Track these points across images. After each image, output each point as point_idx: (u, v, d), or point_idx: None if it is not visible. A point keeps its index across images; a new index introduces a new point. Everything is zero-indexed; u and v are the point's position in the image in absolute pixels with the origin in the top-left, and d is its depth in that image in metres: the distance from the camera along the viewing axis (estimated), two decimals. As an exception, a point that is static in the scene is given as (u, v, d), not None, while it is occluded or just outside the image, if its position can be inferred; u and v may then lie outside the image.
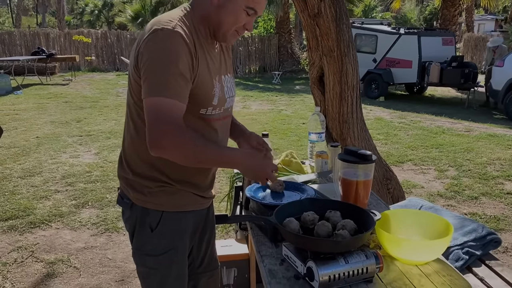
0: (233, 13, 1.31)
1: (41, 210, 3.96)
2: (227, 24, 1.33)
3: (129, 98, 1.38)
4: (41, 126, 7.34)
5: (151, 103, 1.22)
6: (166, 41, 1.23)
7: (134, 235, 1.45)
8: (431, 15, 33.90)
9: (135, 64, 1.29)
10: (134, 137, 1.40)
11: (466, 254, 1.87)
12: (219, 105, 1.40)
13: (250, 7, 1.31)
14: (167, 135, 1.20)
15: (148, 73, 1.23)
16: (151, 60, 1.23)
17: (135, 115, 1.37)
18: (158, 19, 1.29)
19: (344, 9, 2.69)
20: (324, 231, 1.27)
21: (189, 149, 1.24)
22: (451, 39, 11.89)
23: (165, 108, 1.21)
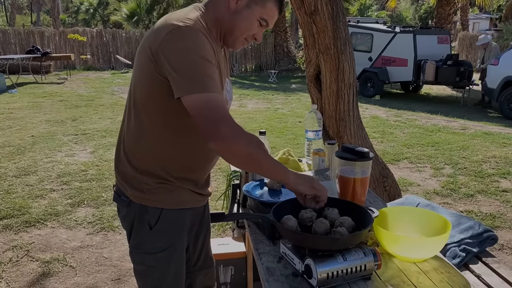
0: (248, 20, 1.35)
1: (36, 209, 3.93)
2: (239, 30, 1.37)
3: (137, 93, 1.37)
4: (36, 125, 7.30)
5: (201, 99, 1.22)
6: (194, 38, 1.23)
7: (132, 233, 1.45)
8: (426, 13, 34.02)
9: (153, 60, 1.26)
10: (137, 131, 1.39)
11: (463, 251, 1.87)
12: None
13: (264, 18, 1.36)
14: (225, 127, 1.21)
15: (182, 70, 1.22)
16: (182, 57, 1.22)
17: (146, 113, 1.36)
18: (175, 16, 1.29)
19: (341, 7, 2.68)
20: (322, 229, 1.26)
21: (243, 141, 1.24)
22: (446, 37, 11.92)
23: (216, 103, 1.23)
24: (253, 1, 1.33)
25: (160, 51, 1.24)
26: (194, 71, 1.22)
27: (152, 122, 1.36)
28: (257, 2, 1.34)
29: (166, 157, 1.38)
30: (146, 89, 1.33)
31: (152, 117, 1.35)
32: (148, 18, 20.59)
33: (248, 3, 1.33)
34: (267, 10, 1.35)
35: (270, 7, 1.36)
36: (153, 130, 1.37)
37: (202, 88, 1.22)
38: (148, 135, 1.38)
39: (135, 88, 1.37)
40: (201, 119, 1.22)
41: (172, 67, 1.22)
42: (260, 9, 1.34)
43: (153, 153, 1.39)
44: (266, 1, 1.34)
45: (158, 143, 1.38)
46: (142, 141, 1.40)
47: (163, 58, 1.24)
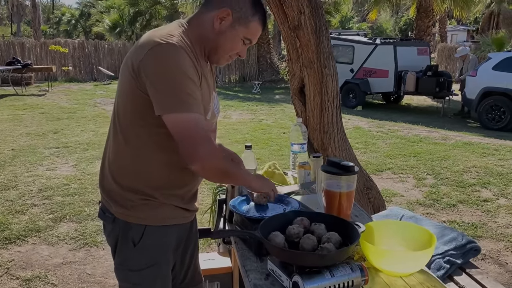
0: (232, 40, 1.37)
1: (16, 225, 3.85)
2: (223, 49, 1.38)
3: (120, 112, 1.37)
4: (17, 138, 7.16)
5: (181, 119, 1.24)
6: (175, 56, 1.24)
7: (116, 250, 1.43)
8: (406, 25, 34.74)
9: (134, 77, 1.27)
10: (122, 147, 1.39)
11: (447, 263, 1.90)
12: (210, 120, 1.44)
13: (248, 38, 1.39)
14: (204, 149, 1.26)
15: (163, 88, 1.23)
16: (163, 75, 1.23)
17: (127, 129, 1.36)
18: (158, 33, 1.29)
19: (324, 22, 2.73)
20: (309, 245, 1.27)
21: (221, 161, 1.34)
22: (426, 49, 12.18)
23: (195, 123, 1.26)
24: (237, 22, 1.35)
25: (142, 68, 1.25)
26: (174, 89, 1.23)
27: (135, 138, 1.36)
28: (240, 23, 1.35)
29: (150, 174, 1.38)
30: (129, 105, 1.33)
31: (136, 133, 1.35)
32: (130, 30, 20.55)
33: (232, 23, 1.35)
34: (251, 30, 1.37)
35: (253, 27, 1.38)
36: (137, 146, 1.36)
37: (182, 108, 1.23)
38: (131, 151, 1.38)
39: (119, 104, 1.37)
40: (180, 140, 1.26)
41: (153, 84, 1.24)
42: (243, 29, 1.36)
43: (137, 169, 1.38)
44: (250, 22, 1.36)
45: (142, 160, 1.37)
46: (125, 157, 1.39)
47: (144, 75, 1.25)
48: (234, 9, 1.34)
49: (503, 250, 3.44)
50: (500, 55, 9.60)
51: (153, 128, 1.32)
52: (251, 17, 1.36)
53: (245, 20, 1.35)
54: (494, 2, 23.30)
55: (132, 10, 19.27)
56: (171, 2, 18.35)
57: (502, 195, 4.65)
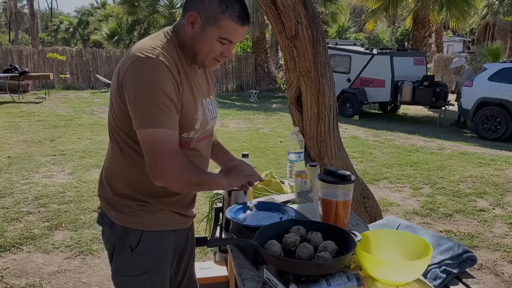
0: (206, 43, 1.33)
1: (11, 233, 3.82)
2: (202, 53, 1.35)
3: (111, 120, 1.39)
4: (13, 146, 7.14)
5: (148, 136, 1.25)
6: (151, 70, 1.24)
7: (113, 255, 1.43)
8: (402, 36, 35.00)
9: (118, 89, 1.30)
10: (116, 156, 1.40)
11: (444, 273, 1.90)
12: (201, 128, 1.43)
13: (223, 37, 1.33)
14: (169, 167, 1.26)
15: (137, 103, 1.24)
16: (138, 90, 1.24)
17: (117, 137, 1.38)
18: (141, 45, 1.30)
19: (321, 31, 2.75)
20: (306, 254, 1.27)
21: (188, 176, 1.31)
22: (422, 59, 12.28)
23: (163, 140, 1.25)
24: (206, 23, 1.31)
25: (123, 81, 1.27)
26: (147, 104, 1.24)
27: (128, 147, 1.37)
28: (210, 23, 1.31)
29: (145, 182, 1.36)
30: (117, 114, 1.34)
31: (127, 142, 1.36)
32: (128, 38, 20.61)
33: (202, 26, 1.32)
34: (223, 29, 1.31)
35: (225, 24, 1.31)
36: (130, 155, 1.37)
37: (151, 123, 1.24)
38: (125, 159, 1.38)
39: (110, 112, 1.39)
40: (146, 156, 1.27)
41: (130, 99, 1.25)
42: (215, 30, 1.31)
43: (132, 177, 1.39)
44: (220, 20, 1.30)
45: (136, 168, 1.37)
46: (120, 165, 1.40)
47: (125, 89, 1.27)
48: (200, 11, 1.30)
49: (499, 260, 3.44)
50: (496, 65, 9.69)
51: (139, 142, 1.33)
52: (220, 15, 1.30)
53: (214, 20, 1.30)
54: (490, 14, 23.53)
55: (130, 19, 19.31)
56: (169, 11, 18.43)
57: (498, 205, 4.67)
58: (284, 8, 2.61)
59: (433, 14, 15.01)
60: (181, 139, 1.36)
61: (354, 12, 33.82)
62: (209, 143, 1.57)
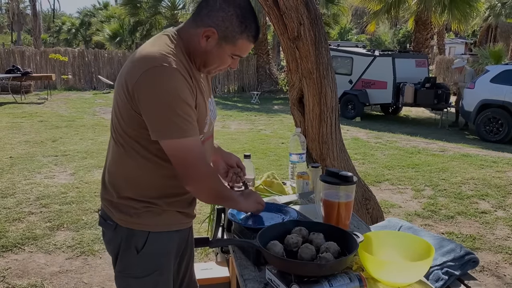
0: (219, 57, 1.36)
1: (13, 233, 3.83)
2: (212, 65, 1.38)
3: (116, 124, 1.37)
4: (15, 146, 7.16)
5: (176, 146, 1.28)
6: (168, 80, 1.23)
7: (118, 257, 1.43)
8: (404, 37, 34.99)
9: (129, 98, 1.28)
10: (121, 160, 1.40)
11: (446, 274, 1.90)
12: (208, 130, 1.46)
13: (236, 54, 1.37)
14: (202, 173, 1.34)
15: (158, 114, 1.25)
16: (158, 101, 1.23)
17: (123, 142, 1.37)
18: (150, 51, 1.27)
19: (323, 33, 2.75)
20: (308, 254, 1.27)
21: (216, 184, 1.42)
22: (424, 61, 12.27)
23: (192, 148, 1.30)
24: (223, 40, 1.32)
25: (136, 91, 1.25)
26: (168, 114, 1.24)
27: (134, 151, 1.36)
28: (227, 41, 1.32)
29: (148, 184, 1.38)
30: (126, 121, 1.33)
31: (134, 147, 1.36)
32: (130, 39, 20.65)
33: (218, 42, 1.32)
34: (238, 47, 1.34)
35: (241, 44, 1.34)
36: (136, 158, 1.37)
37: (177, 134, 1.26)
38: (130, 163, 1.38)
39: (115, 117, 1.38)
40: (176, 164, 1.32)
41: (147, 109, 1.25)
42: (231, 47, 1.33)
43: (137, 181, 1.39)
44: (237, 39, 1.32)
45: (141, 172, 1.38)
46: (125, 169, 1.40)
47: (138, 99, 1.25)
48: (219, 28, 1.30)
49: (501, 262, 3.43)
50: (498, 67, 9.67)
51: (147, 140, 1.32)
52: (239, 35, 1.32)
53: (232, 39, 1.32)
54: (492, 16, 23.52)
55: (132, 20, 19.35)
56: (171, 12, 18.48)
57: (500, 207, 4.66)
58: (287, 9, 2.61)
59: (435, 16, 14.99)
60: None
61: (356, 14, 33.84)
62: (211, 144, 1.58)
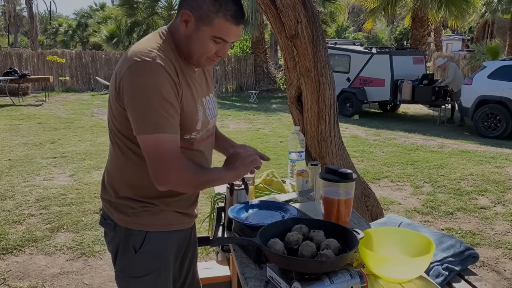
0: (200, 42, 1.31)
1: (13, 235, 3.83)
2: (196, 52, 1.33)
3: (111, 124, 1.38)
4: (14, 148, 7.15)
5: (148, 141, 1.25)
6: (149, 74, 1.23)
7: (117, 256, 1.43)
8: (401, 35, 35.01)
9: (116, 94, 1.29)
10: (118, 160, 1.40)
11: (446, 270, 1.90)
12: (202, 129, 1.42)
13: (217, 36, 1.31)
14: (172, 172, 1.27)
15: (137, 108, 1.24)
16: (137, 95, 1.23)
17: (118, 140, 1.38)
18: (138, 48, 1.29)
19: (321, 31, 2.75)
20: (308, 252, 1.27)
21: (191, 178, 1.31)
22: (421, 58, 12.28)
23: (164, 145, 1.25)
24: (200, 22, 1.29)
25: (122, 86, 1.26)
26: (146, 110, 1.23)
27: (129, 151, 1.36)
28: (204, 22, 1.29)
29: (145, 183, 1.37)
30: (117, 118, 1.33)
31: (128, 145, 1.36)
32: (128, 40, 20.60)
33: (196, 25, 1.29)
34: (217, 28, 1.29)
35: (219, 24, 1.29)
36: (131, 158, 1.37)
37: (151, 129, 1.23)
38: (126, 163, 1.38)
39: (110, 115, 1.38)
40: (148, 162, 1.27)
41: (129, 104, 1.25)
42: (209, 29, 1.29)
43: (133, 180, 1.39)
44: (213, 19, 1.28)
45: (137, 171, 1.37)
46: (122, 169, 1.40)
47: (123, 94, 1.26)
48: (194, 9, 1.28)
49: (501, 257, 3.44)
50: (495, 63, 9.68)
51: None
52: (214, 14, 1.28)
53: (208, 19, 1.28)
54: (488, 12, 23.51)
55: (129, 21, 19.30)
56: (168, 12, 18.43)
57: (499, 203, 4.67)
58: (284, 7, 2.61)
59: (432, 13, 15.01)
60: (183, 140, 1.35)
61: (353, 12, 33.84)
62: (212, 142, 1.57)
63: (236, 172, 1.43)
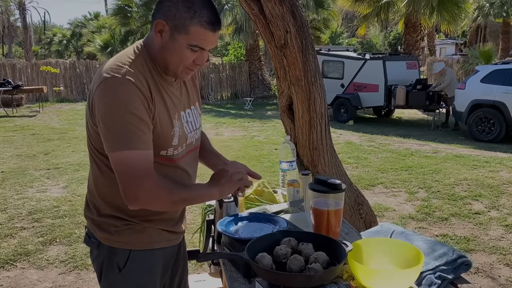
0: (176, 52, 1.28)
1: (5, 249, 3.78)
2: (173, 63, 1.30)
3: (88, 141, 1.37)
4: (6, 160, 7.10)
5: (118, 159, 1.21)
6: (118, 91, 1.21)
7: (102, 275, 1.41)
8: (395, 40, 35.19)
9: (90, 113, 1.28)
10: (97, 178, 1.38)
11: (439, 279, 1.89)
12: (180, 144, 1.39)
13: (193, 44, 1.27)
14: (142, 190, 1.22)
15: (107, 127, 1.21)
16: (106, 113, 1.21)
17: (96, 158, 1.36)
18: (109, 64, 1.27)
19: (310, 40, 2.76)
20: (296, 266, 1.26)
21: (165, 196, 1.27)
22: (415, 63, 12.34)
23: (133, 162, 1.21)
24: (175, 31, 1.26)
25: (93, 104, 1.25)
26: (115, 127, 1.20)
27: (106, 168, 1.34)
28: (179, 31, 1.26)
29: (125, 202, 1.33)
30: (93, 135, 1.32)
31: (105, 163, 1.33)
32: (122, 49, 20.60)
33: (171, 34, 1.26)
34: (192, 35, 1.26)
35: (195, 30, 1.26)
36: (109, 176, 1.33)
37: (121, 146, 1.20)
38: (105, 181, 1.36)
39: (87, 133, 1.36)
40: (118, 179, 1.23)
41: (100, 122, 1.23)
42: (185, 37, 1.26)
43: (113, 198, 1.35)
44: (188, 26, 1.25)
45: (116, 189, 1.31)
46: (101, 187, 1.38)
47: (95, 112, 1.25)
48: (168, 18, 1.25)
49: (495, 263, 3.43)
50: (488, 67, 9.74)
51: None
52: (188, 21, 1.24)
53: (183, 26, 1.25)
54: (480, 16, 23.72)
55: (123, 30, 19.32)
56: (162, 21, 18.48)
57: (493, 207, 4.67)
58: (273, 17, 2.62)
59: (424, 18, 15.10)
60: (160, 157, 1.33)
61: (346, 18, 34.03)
62: (195, 157, 1.53)
63: (220, 188, 1.39)
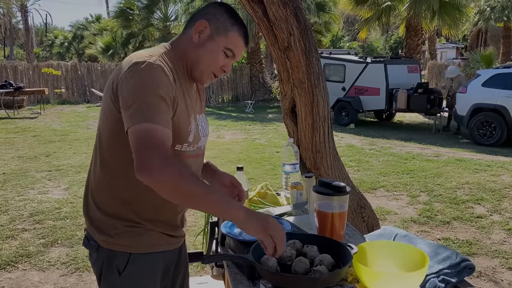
0: (212, 52, 1.35)
1: (6, 251, 3.78)
2: (205, 63, 1.36)
3: (101, 132, 1.36)
4: (8, 162, 7.10)
5: (136, 130, 1.18)
6: (148, 73, 1.23)
7: (101, 278, 1.40)
8: (396, 43, 35.26)
9: (113, 97, 1.27)
10: (103, 172, 1.37)
11: (442, 282, 1.88)
12: (193, 143, 1.40)
13: (229, 48, 1.36)
14: (157, 158, 1.14)
15: (130, 102, 1.21)
16: (132, 90, 1.21)
17: (105, 151, 1.35)
18: (138, 53, 1.31)
19: (313, 43, 2.76)
20: (301, 268, 1.25)
21: (176, 175, 1.16)
22: (416, 66, 12.36)
23: (154, 134, 1.17)
24: (215, 32, 1.34)
25: (119, 86, 1.25)
26: (141, 104, 1.19)
27: (116, 161, 1.34)
28: (220, 33, 1.35)
29: (133, 197, 1.35)
30: (110, 126, 1.32)
31: (117, 155, 1.33)
32: (123, 51, 20.64)
33: (211, 34, 1.35)
34: (231, 40, 1.36)
35: (233, 36, 1.36)
36: (118, 169, 1.34)
37: (143, 118, 1.18)
38: (113, 174, 1.36)
39: (101, 126, 1.36)
40: (133, 149, 1.17)
41: (124, 102, 1.22)
42: (223, 39, 1.35)
43: (120, 193, 1.35)
44: (229, 31, 1.35)
45: (124, 183, 1.34)
46: (108, 181, 1.37)
47: (119, 94, 1.24)
48: (211, 21, 1.35)
49: (498, 267, 3.42)
50: (489, 71, 9.75)
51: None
52: (230, 26, 1.35)
53: (224, 30, 1.35)
54: (481, 20, 23.77)
55: (125, 32, 19.36)
56: (164, 24, 18.53)
57: (495, 211, 4.66)
58: (276, 20, 2.62)
59: (426, 22, 15.14)
60: (174, 151, 1.32)
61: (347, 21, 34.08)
62: (201, 163, 1.54)
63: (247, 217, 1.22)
